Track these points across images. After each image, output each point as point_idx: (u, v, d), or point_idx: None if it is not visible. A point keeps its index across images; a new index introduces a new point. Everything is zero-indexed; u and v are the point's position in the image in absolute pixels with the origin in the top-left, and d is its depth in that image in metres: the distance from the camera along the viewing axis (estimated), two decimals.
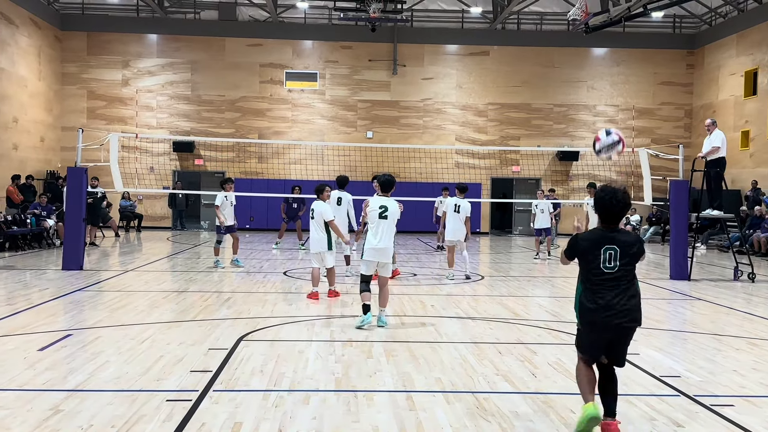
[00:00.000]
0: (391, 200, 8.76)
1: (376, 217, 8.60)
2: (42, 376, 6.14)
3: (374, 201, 8.77)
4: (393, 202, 8.75)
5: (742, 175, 26.15)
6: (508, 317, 9.69)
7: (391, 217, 8.64)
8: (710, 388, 6.21)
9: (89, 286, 11.93)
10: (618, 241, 4.90)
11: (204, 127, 29.11)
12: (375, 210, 8.64)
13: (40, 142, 26.94)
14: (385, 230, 8.59)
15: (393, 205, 8.71)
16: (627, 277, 4.89)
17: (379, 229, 8.59)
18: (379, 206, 8.65)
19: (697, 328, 9.20)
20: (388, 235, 8.60)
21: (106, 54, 28.99)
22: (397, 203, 8.82)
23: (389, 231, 8.62)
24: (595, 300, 4.87)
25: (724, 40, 28.00)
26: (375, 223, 8.61)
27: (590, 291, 4.92)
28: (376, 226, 8.61)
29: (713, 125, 14.70)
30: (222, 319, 9.08)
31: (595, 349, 5.01)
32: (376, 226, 8.61)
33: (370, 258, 8.59)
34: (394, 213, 8.67)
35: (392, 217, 8.66)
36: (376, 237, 8.58)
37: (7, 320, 8.74)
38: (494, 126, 29.92)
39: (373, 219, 8.63)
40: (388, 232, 8.60)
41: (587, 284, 4.96)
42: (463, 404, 5.60)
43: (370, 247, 8.59)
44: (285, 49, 29.48)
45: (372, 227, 8.67)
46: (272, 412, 5.31)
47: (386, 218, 8.59)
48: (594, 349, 5.01)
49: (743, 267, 14.80)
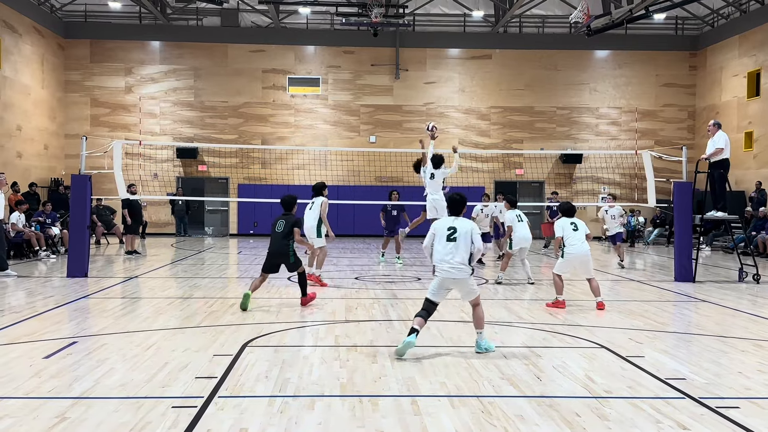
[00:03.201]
0: (462, 220, 7.87)
1: (445, 241, 7.72)
2: (48, 384, 6.16)
3: (442, 222, 7.95)
4: (464, 221, 7.86)
5: (746, 176, 26.11)
6: (513, 320, 9.69)
7: (462, 238, 7.71)
8: (715, 390, 6.20)
9: (94, 293, 11.95)
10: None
11: (207, 133, 29.17)
12: (443, 231, 7.79)
13: (44, 149, 27.03)
14: (454, 253, 7.66)
15: (465, 225, 7.82)
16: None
17: (447, 252, 7.68)
18: (447, 228, 7.81)
19: (702, 330, 9.18)
20: (457, 258, 7.64)
21: (109, 61, 29.09)
22: (469, 224, 7.88)
23: (460, 253, 7.66)
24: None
25: (726, 42, 27.99)
26: (443, 246, 7.71)
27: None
28: (443, 248, 7.70)
29: (715, 127, 14.68)
30: (227, 325, 9.09)
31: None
32: (444, 249, 7.70)
33: (443, 287, 7.74)
34: (465, 233, 7.73)
35: (463, 238, 7.71)
36: (441, 259, 7.70)
37: (13, 328, 8.76)
38: (497, 129, 29.94)
39: (441, 240, 7.75)
40: (457, 254, 7.65)
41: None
42: (468, 409, 5.59)
43: (440, 275, 7.72)
44: (287, 55, 29.55)
45: (439, 251, 7.75)
46: (277, 417, 5.32)
47: (455, 240, 7.69)
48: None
49: (748, 268, 14.77)
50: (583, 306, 11.03)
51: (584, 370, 6.85)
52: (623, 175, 29.43)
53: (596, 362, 7.23)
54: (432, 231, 7.93)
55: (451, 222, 7.86)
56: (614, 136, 30.17)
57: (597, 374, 6.70)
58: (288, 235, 10.74)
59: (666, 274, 15.88)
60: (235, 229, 29.30)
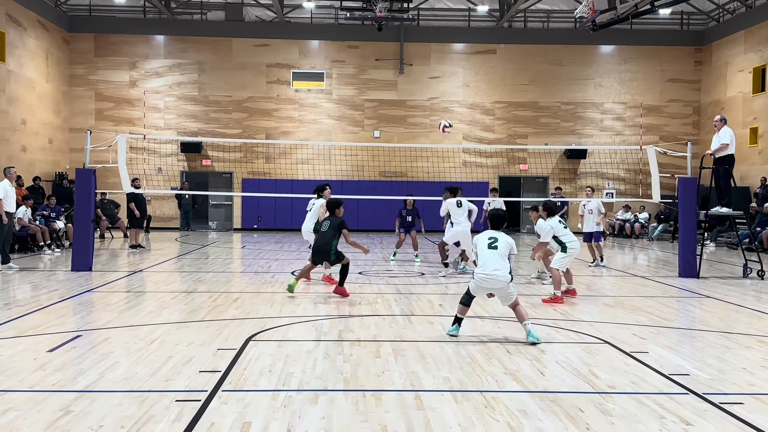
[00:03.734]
0: (503, 235, 8.27)
1: (485, 247, 8.13)
2: (52, 377, 6.17)
3: (484, 235, 8.33)
4: (505, 236, 8.26)
5: (751, 172, 26.04)
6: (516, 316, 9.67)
7: (502, 248, 8.12)
8: (719, 386, 6.19)
9: (98, 287, 11.98)
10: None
11: (211, 127, 29.19)
12: (484, 240, 8.20)
13: (49, 143, 27.07)
14: (491, 261, 8.05)
15: (505, 240, 8.22)
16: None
17: (486, 258, 8.08)
18: (488, 237, 8.23)
19: (706, 326, 9.17)
20: (495, 265, 8.02)
21: (113, 55, 29.10)
22: (510, 239, 8.29)
23: (496, 261, 8.05)
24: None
25: (732, 37, 27.88)
26: (483, 252, 8.14)
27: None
28: (483, 256, 8.13)
29: (721, 122, 14.63)
30: (230, 319, 9.11)
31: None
32: (483, 256, 8.13)
33: (481, 285, 8.10)
34: (504, 246, 8.15)
35: (502, 249, 8.12)
36: (482, 266, 8.10)
37: (17, 321, 8.79)
38: (501, 124, 29.89)
39: (482, 248, 8.16)
40: (494, 262, 8.04)
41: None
42: (471, 403, 5.60)
43: (478, 275, 8.14)
44: (291, 49, 29.53)
45: (480, 257, 8.19)
46: (281, 412, 5.33)
47: (496, 248, 8.10)
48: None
49: (752, 264, 14.74)
50: (588, 301, 11.03)
51: (587, 366, 6.85)
52: (628, 170, 29.37)
53: (600, 358, 7.22)
54: (474, 246, 8.43)
55: (493, 234, 8.29)
56: (619, 132, 30.11)
57: (600, 370, 6.70)
58: (333, 235, 11.30)
59: (670, 269, 15.85)
60: (239, 224, 29.33)
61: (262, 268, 15.43)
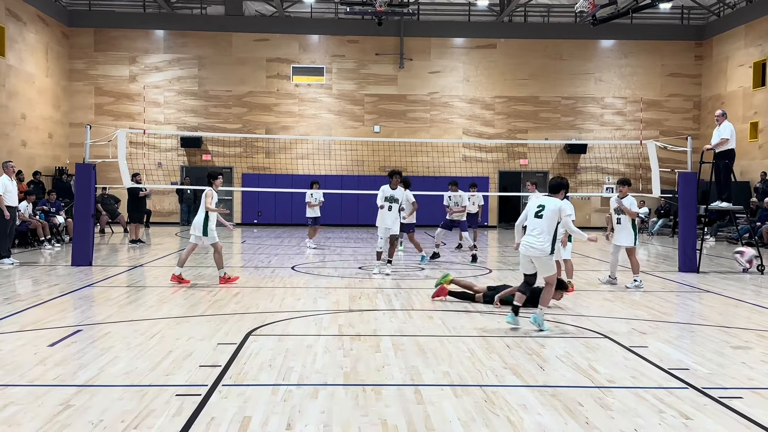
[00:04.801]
0: (551, 199, 8.20)
1: (532, 216, 8.19)
2: (52, 372, 6.18)
3: (534, 200, 8.40)
4: (553, 200, 8.17)
5: (751, 166, 26.03)
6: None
7: (547, 216, 8.09)
8: (719, 381, 6.20)
9: (99, 282, 11.99)
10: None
11: (211, 122, 29.17)
12: (533, 208, 8.24)
13: (48, 138, 27.05)
14: (532, 229, 8.14)
15: (553, 206, 8.14)
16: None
17: (530, 226, 8.16)
18: (537, 205, 8.24)
19: (705, 321, 9.18)
20: (535, 234, 8.10)
21: (113, 50, 29.07)
22: (559, 203, 8.17)
23: (538, 230, 8.11)
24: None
25: (732, 31, 27.84)
26: (530, 220, 8.23)
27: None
28: (529, 224, 8.21)
29: (723, 116, 14.62)
30: (230, 314, 9.12)
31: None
32: (530, 224, 8.21)
33: (524, 253, 8.23)
34: (551, 214, 8.08)
35: (548, 217, 8.09)
36: (527, 235, 8.19)
37: (18, 316, 8.80)
38: (501, 119, 29.87)
39: (530, 216, 8.24)
40: (535, 231, 8.12)
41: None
42: (471, 398, 5.61)
43: (522, 245, 8.23)
44: (291, 44, 29.49)
45: (528, 224, 8.27)
46: (281, 406, 5.34)
47: (541, 217, 8.13)
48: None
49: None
50: (588, 296, 11.04)
51: (587, 360, 6.86)
52: (628, 165, 29.35)
53: (599, 352, 7.23)
54: (525, 210, 8.51)
55: (542, 200, 8.34)
56: (619, 126, 30.09)
57: (600, 364, 6.71)
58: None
59: (670, 264, 15.86)
60: (239, 219, 29.32)
61: (262, 263, 15.44)
